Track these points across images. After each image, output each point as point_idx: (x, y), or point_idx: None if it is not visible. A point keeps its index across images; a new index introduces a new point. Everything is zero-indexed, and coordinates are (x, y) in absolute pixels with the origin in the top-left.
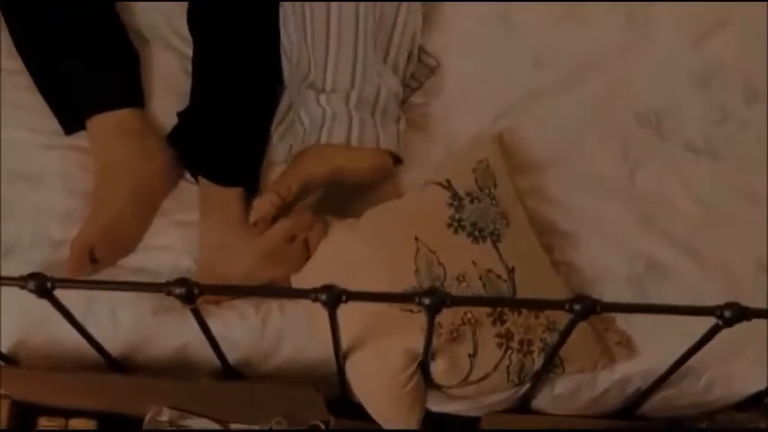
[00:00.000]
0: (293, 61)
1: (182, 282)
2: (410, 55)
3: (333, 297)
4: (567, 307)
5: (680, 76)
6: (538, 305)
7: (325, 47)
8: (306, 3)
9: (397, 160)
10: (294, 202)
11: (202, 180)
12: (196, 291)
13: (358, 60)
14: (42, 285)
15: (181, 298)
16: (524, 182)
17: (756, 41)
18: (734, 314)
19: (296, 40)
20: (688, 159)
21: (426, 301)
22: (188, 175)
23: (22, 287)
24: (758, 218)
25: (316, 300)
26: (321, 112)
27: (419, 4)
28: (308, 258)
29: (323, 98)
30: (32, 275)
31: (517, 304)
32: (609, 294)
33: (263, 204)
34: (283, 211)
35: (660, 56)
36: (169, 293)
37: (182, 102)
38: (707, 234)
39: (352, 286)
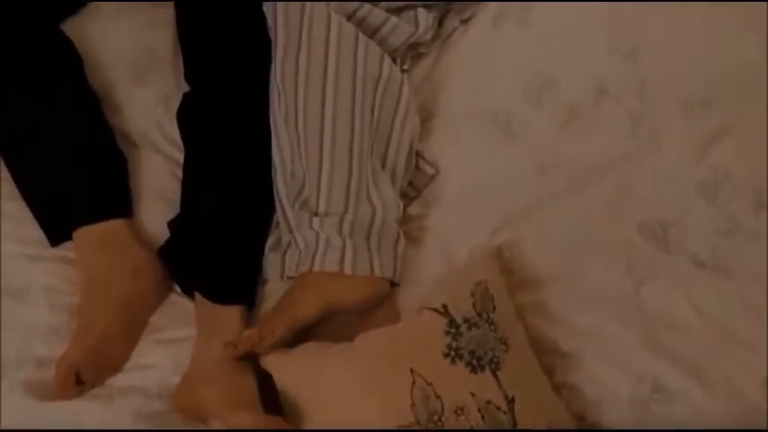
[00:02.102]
0: (287, 172)
1: None
2: (408, 162)
3: None
4: None
5: (686, 185)
6: None
7: (319, 165)
8: (299, 117)
9: (394, 283)
10: (279, 343)
11: (199, 297)
12: None
13: (352, 180)
14: None
15: None
16: (525, 298)
17: (763, 149)
18: None
19: (289, 153)
20: (694, 274)
21: None
22: (177, 287)
23: None
24: (765, 336)
25: None
26: (315, 236)
27: (416, 106)
28: None
29: (316, 222)
30: None
31: None
32: (611, 417)
33: (244, 343)
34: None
35: (665, 164)
36: None
37: (172, 209)
38: (713, 353)
39: (345, 418)
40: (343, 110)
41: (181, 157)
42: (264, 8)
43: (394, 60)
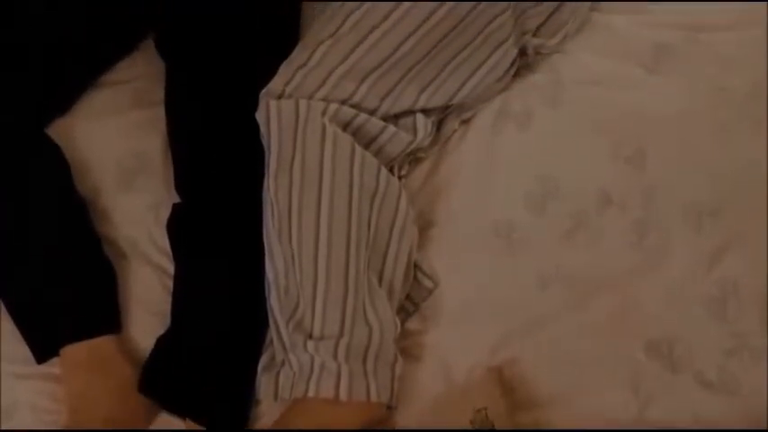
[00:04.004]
0: (281, 288)
1: None
2: (406, 275)
3: None
4: None
5: (693, 301)
6: None
7: (313, 285)
8: (293, 233)
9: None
10: None
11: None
12: None
13: (348, 299)
14: None
15: None
16: (526, 418)
17: None
18: None
19: (282, 269)
20: (700, 394)
21: None
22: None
23: None
24: None
25: None
26: (309, 359)
27: (414, 215)
28: None
29: (311, 345)
30: None
31: None
32: None
33: None
34: None
35: (672, 278)
36: None
37: (162, 323)
38: None
39: None
40: (339, 226)
41: (171, 268)
42: (257, 116)
43: (391, 170)
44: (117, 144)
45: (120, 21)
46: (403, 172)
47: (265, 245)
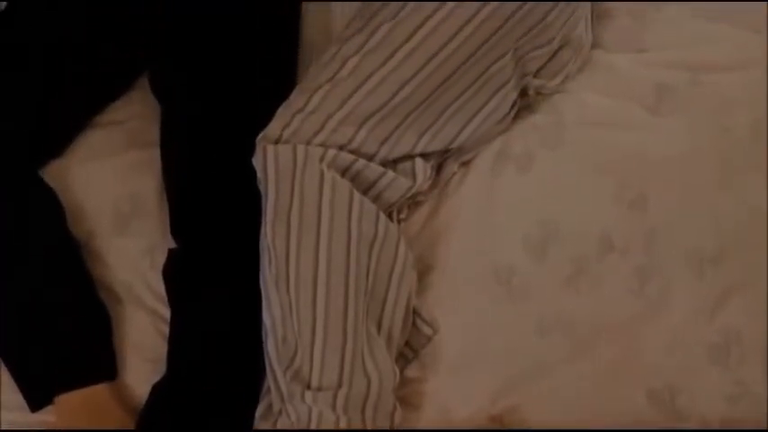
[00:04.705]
0: (278, 336)
1: None
2: (405, 322)
3: None
4: None
5: (696, 349)
6: None
7: (311, 335)
8: (291, 282)
9: None
10: None
11: None
12: None
13: (347, 350)
14: None
15: None
16: None
17: None
18: None
19: (280, 317)
20: None
21: None
22: None
23: None
24: None
25: None
26: (307, 410)
27: (413, 260)
28: None
29: (309, 396)
30: None
31: None
32: None
33: None
34: None
35: (674, 325)
36: None
37: (158, 369)
38: None
39: None
40: (337, 275)
41: (167, 313)
42: (254, 161)
43: (390, 214)
44: (112, 186)
45: (113, 59)
46: (402, 215)
47: (262, 292)
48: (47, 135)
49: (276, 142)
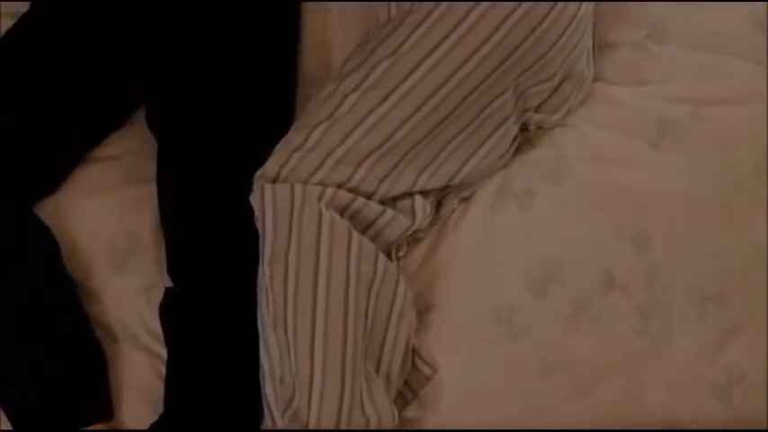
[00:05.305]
0: (276, 377)
1: None
2: (404, 362)
3: None
4: None
5: (699, 389)
6: None
7: (309, 377)
8: (289, 323)
9: None
10: None
11: None
12: None
13: (345, 391)
14: None
15: None
16: None
17: None
18: None
19: (278, 358)
20: None
21: None
22: None
23: None
24: None
25: None
26: None
27: (412, 298)
28: None
29: None
30: None
31: None
32: None
33: None
34: None
35: (677, 364)
36: None
37: (154, 410)
38: None
39: None
40: (336, 317)
41: (163, 352)
42: (251, 200)
43: (389, 254)
44: (108, 223)
45: (109, 90)
46: (401, 253)
47: (260, 333)
48: (41, 170)
49: (274, 181)
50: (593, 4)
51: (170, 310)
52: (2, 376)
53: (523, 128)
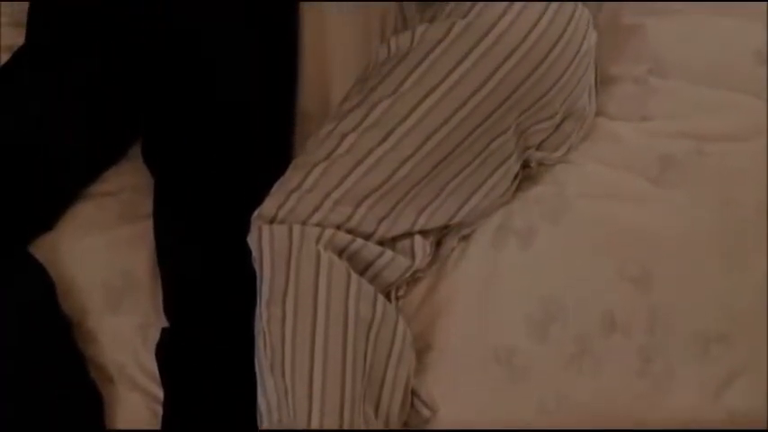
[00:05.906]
0: (274, 421)
1: None
2: (403, 403)
3: None
4: None
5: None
6: None
7: (308, 421)
8: (287, 367)
9: None
10: None
11: None
12: None
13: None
14: None
15: None
16: None
17: None
18: None
19: (275, 402)
20: None
21: None
22: None
23: None
24: None
25: None
26: None
27: (411, 339)
28: None
29: None
30: None
31: None
32: None
33: None
34: None
35: (679, 407)
36: None
37: None
38: None
39: None
40: (334, 361)
41: (160, 393)
42: (249, 241)
43: (388, 294)
44: (104, 261)
45: (106, 128)
46: (400, 292)
47: (257, 375)
48: (37, 207)
49: (272, 222)
50: (595, 40)
51: (166, 351)
52: None
53: (525, 165)
